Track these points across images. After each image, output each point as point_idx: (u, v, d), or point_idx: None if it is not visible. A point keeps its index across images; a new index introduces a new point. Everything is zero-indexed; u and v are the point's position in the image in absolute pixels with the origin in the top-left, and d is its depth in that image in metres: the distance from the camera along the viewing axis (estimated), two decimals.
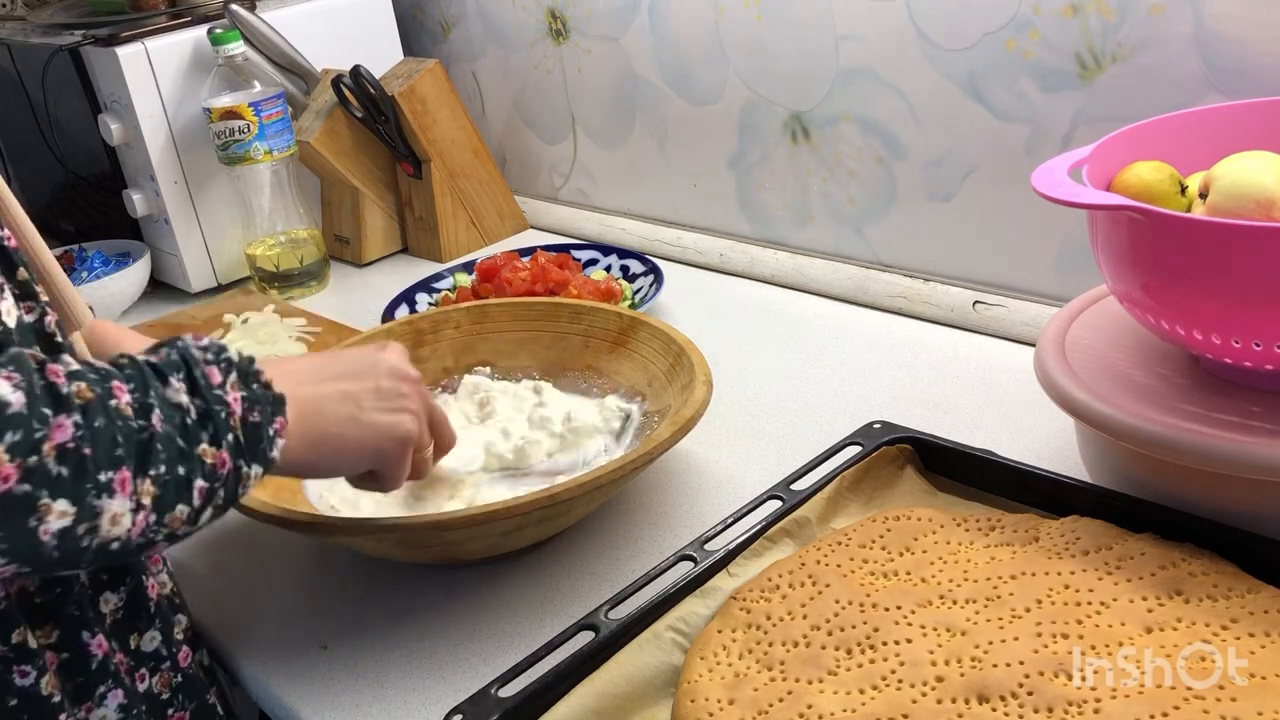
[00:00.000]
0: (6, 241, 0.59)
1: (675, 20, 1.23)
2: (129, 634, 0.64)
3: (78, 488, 0.48)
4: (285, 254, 1.34)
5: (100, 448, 0.49)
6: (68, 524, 0.48)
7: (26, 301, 0.60)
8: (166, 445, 0.51)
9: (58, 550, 0.48)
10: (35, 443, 0.46)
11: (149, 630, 0.65)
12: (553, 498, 0.70)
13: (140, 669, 0.65)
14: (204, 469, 0.53)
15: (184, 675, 0.68)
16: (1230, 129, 0.72)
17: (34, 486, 0.46)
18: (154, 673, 0.66)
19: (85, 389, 0.49)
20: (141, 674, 0.65)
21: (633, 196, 1.39)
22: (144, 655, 0.65)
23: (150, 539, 0.52)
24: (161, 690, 0.66)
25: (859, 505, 0.73)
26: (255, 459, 0.56)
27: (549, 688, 0.59)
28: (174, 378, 0.54)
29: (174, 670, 0.67)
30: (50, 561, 0.48)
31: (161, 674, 0.66)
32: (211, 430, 0.54)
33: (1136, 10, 0.86)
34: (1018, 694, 0.55)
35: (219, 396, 0.55)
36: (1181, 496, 0.65)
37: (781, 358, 1.04)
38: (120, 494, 0.49)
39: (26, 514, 0.47)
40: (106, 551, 0.50)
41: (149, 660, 0.66)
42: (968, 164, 1.02)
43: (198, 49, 1.32)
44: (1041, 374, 0.72)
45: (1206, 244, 0.61)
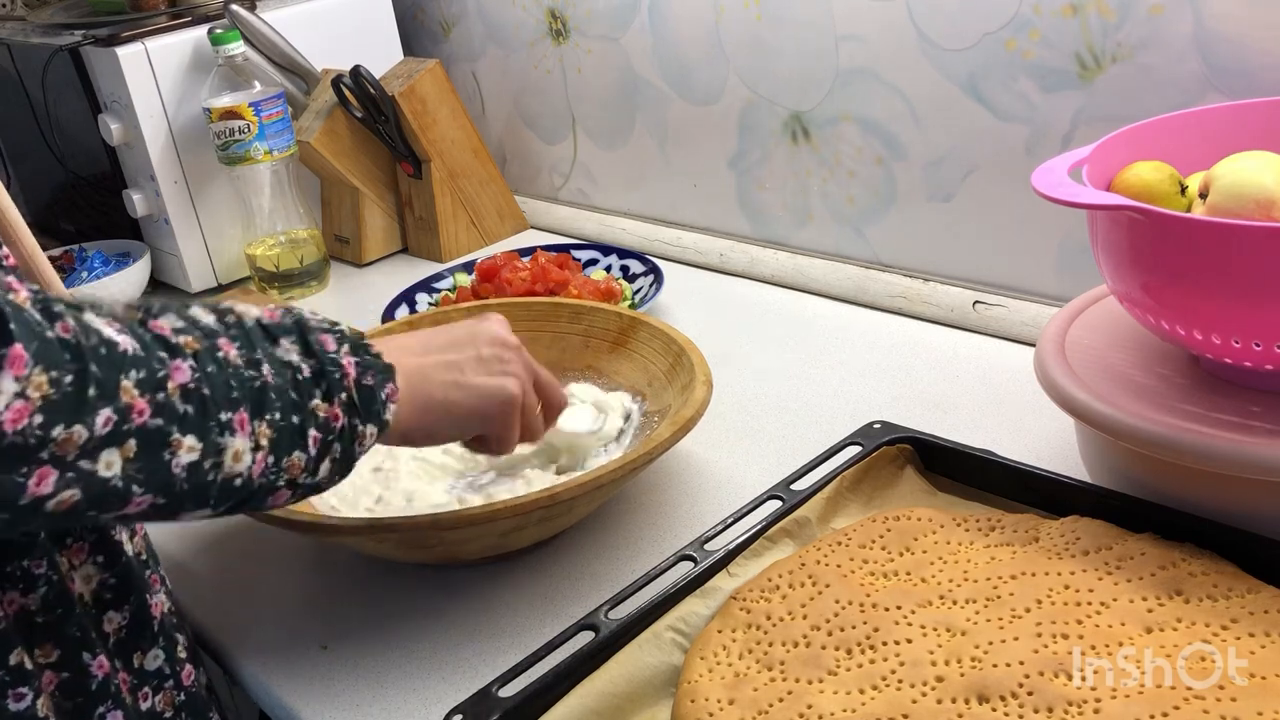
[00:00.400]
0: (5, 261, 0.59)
1: (675, 20, 1.23)
2: (132, 653, 0.64)
3: (202, 424, 0.50)
4: (285, 254, 1.34)
5: (217, 390, 0.51)
6: (195, 458, 0.50)
7: None
8: (280, 395, 0.54)
9: (187, 483, 0.50)
10: (159, 381, 0.48)
11: (152, 649, 0.66)
12: (553, 497, 0.70)
13: (144, 688, 0.65)
14: (317, 421, 0.55)
15: (187, 694, 0.68)
16: (1230, 129, 0.72)
17: (165, 421, 0.48)
18: (157, 691, 0.66)
19: (193, 340, 0.51)
20: (144, 693, 0.65)
21: (633, 196, 1.39)
22: (147, 674, 0.65)
23: (271, 482, 0.54)
24: (165, 709, 0.66)
25: (859, 505, 0.73)
26: (370, 419, 0.58)
27: (549, 688, 0.59)
28: (285, 340, 0.56)
29: (177, 689, 0.67)
30: (180, 494, 0.50)
31: (165, 692, 0.66)
32: (325, 388, 0.56)
33: (1136, 10, 0.86)
34: (1018, 694, 0.55)
35: (333, 359, 0.57)
36: (1181, 496, 0.65)
37: (781, 358, 1.04)
38: (240, 433, 0.52)
39: (161, 447, 0.48)
40: (230, 488, 0.52)
41: (152, 679, 0.66)
42: (968, 164, 1.02)
43: (198, 49, 1.32)
44: (1041, 374, 0.72)
45: (1206, 244, 0.61)
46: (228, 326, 0.54)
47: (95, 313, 0.48)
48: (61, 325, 0.46)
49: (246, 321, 0.56)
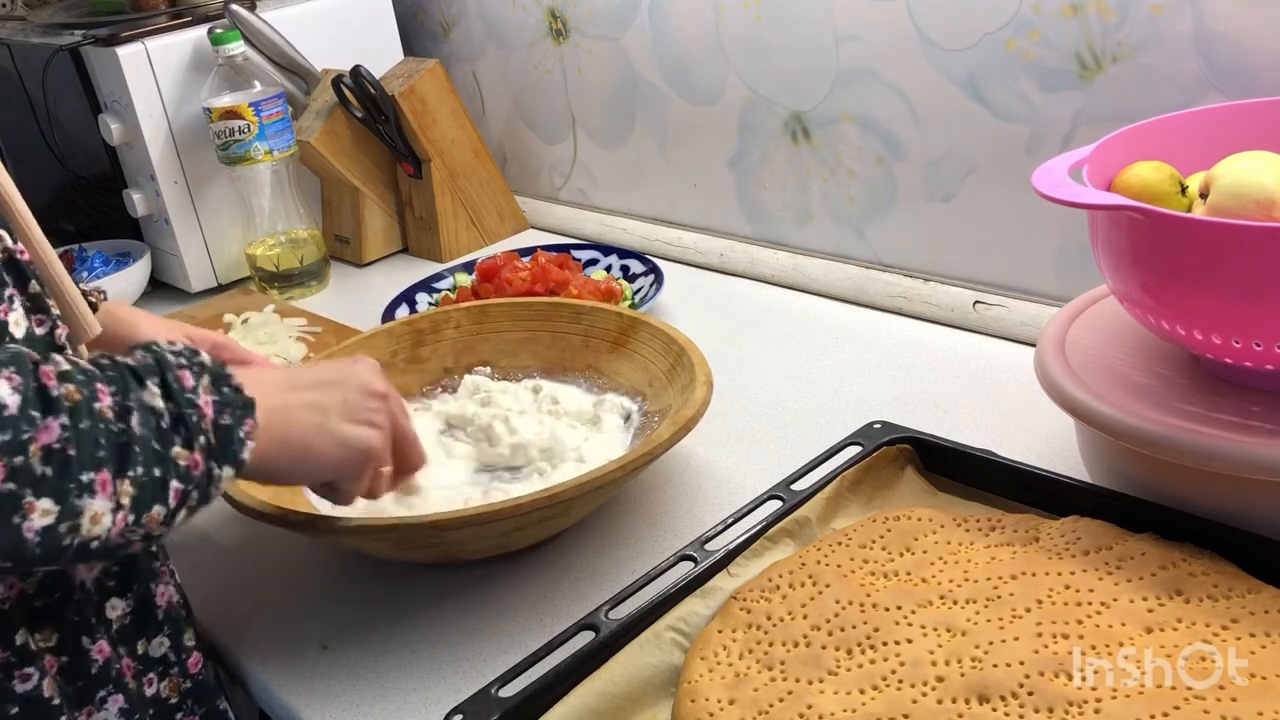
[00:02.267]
0: (20, 255, 0.60)
1: (675, 20, 1.23)
2: (137, 639, 0.65)
3: (61, 487, 0.49)
4: (285, 254, 1.34)
5: (84, 449, 0.50)
6: (50, 522, 0.49)
7: (38, 314, 0.60)
8: (144, 448, 0.53)
9: (40, 547, 0.49)
10: (22, 444, 0.48)
11: (157, 636, 0.66)
12: (553, 498, 0.70)
13: (149, 673, 0.66)
14: (178, 471, 0.54)
15: (194, 681, 0.68)
16: (1230, 129, 0.72)
17: (19, 485, 0.48)
18: (162, 677, 0.66)
19: (74, 391, 0.51)
20: (149, 678, 0.66)
21: (633, 196, 1.39)
22: (152, 660, 0.66)
23: (128, 539, 0.53)
24: (170, 695, 0.67)
25: (859, 505, 0.73)
26: (226, 460, 0.57)
27: (549, 688, 0.59)
28: (150, 381, 0.55)
29: (183, 676, 0.68)
30: (32, 558, 0.49)
31: (170, 679, 0.67)
32: (185, 434, 0.55)
33: (1136, 10, 0.86)
34: (1018, 694, 0.55)
35: (190, 400, 0.56)
36: (1181, 496, 0.65)
37: (781, 358, 1.04)
38: (101, 494, 0.51)
39: (11, 511, 0.48)
40: (87, 550, 0.51)
41: (157, 665, 0.66)
42: (968, 164, 1.02)
43: (198, 49, 1.32)
44: (1041, 374, 0.72)
45: (1206, 244, 0.61)
46: (103, 370, 0.54)
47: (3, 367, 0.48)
48: None
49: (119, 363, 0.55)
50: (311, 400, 0.65)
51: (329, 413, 0.65)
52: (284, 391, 0.64)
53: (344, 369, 0.69)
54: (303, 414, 0.64)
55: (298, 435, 0.63)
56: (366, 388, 0.68)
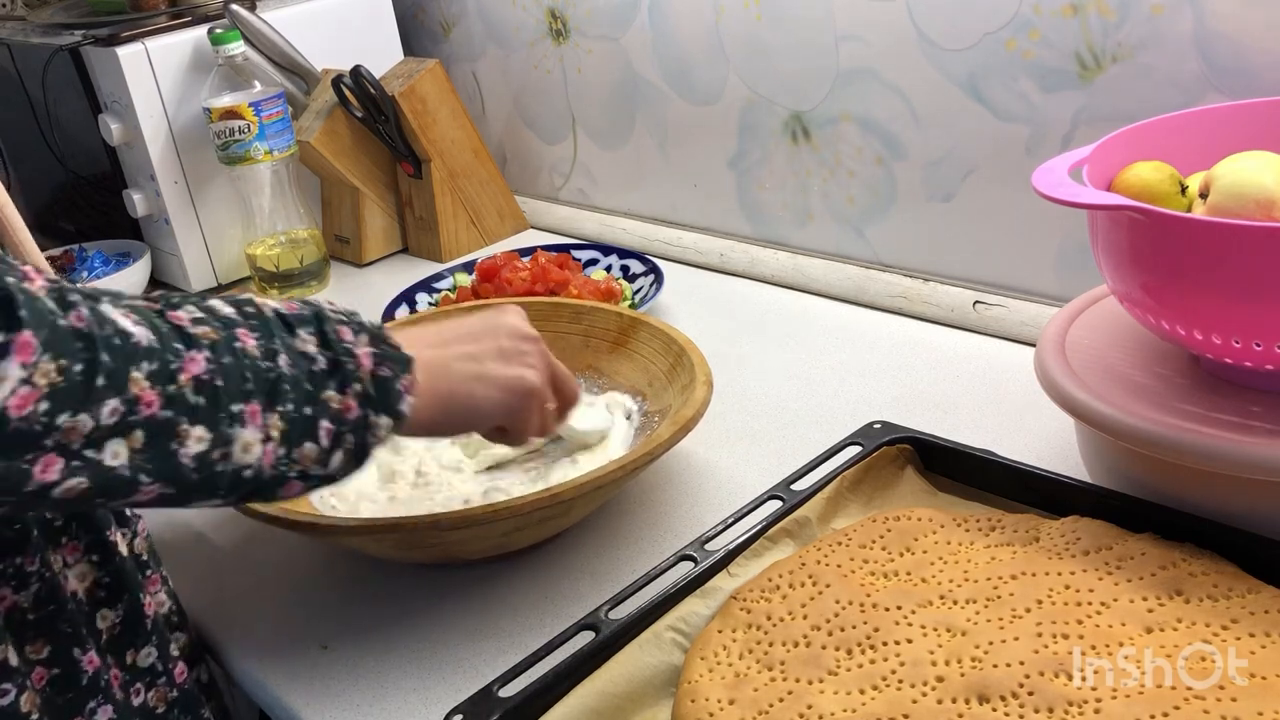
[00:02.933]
0: None
1: (675, 20, 1.23)
2: (125, 650, 0.65)
3: (213, 415, 0.50)
4: (285, 254, 1.34)
5: (231, 381, 0.51)
6: (204, 449, 0.50)
7: None
8: (294, 386, 0.54)
9: (196, 473, 0.50)
10: (171, 373, 0.49)
11: (145, 646, 0.66)
12: (553, 497, 0.70)
13: (136, 684, 0.66)
14: (329, 412, 0.55)
15: (180, 691, 0.68)
16: (1230, 129, 0.72)
17: (175, 413, 0.49)
18: (150, 688, 0.67)
19: (210, 331, 0.52)
20: (137, 689, 0.66)
21: (633, 196, 1.39)
22: (140, 670, 0.66)
23: (283, 473, 0.54)
24: (157, 705, 0.67)
25: (859, 505, 0.73)
26: (384, 410, 0.58)
27: (549, 688, 0.59)
28: (303, 330, 0.56)
29: (170, 685, 0.68)
30: (190, 484, 0.50)
31: (157, 689, 0.67)
32: (340, 379, 0.56)
33: (1136, 10, 0.86)
34: (1018, 694, 0.55)
35: (348, 349, 0.57)
36: (1181, 496, 0.65)
37: (781, 358, 1.04)
38: (251, 424, 0.52)
39: (168, 438, 0.49)
40: (240, 479, 0.52)
41: (145, 675, 0.66)
42: (968, 164, 1.02)
43: (198, 49, 1.32)
44: (1041, 374, 0.72)
45: (1207, 244, 0.61)
46: (246, 317, 0.54)
47: (113, 304, 0.49)
48: (75, 314, 0.46)
49: (265, 312, 0.56)
50: (466, 351, 0.66)
51: (485, 360, 0.66)
52: (438, 347, 0.64)
53: (491, 319, 0.70)
54: (461, 365, 0.65)
55: (461, 388, 0.64)
56: (517, 332, 0.69)
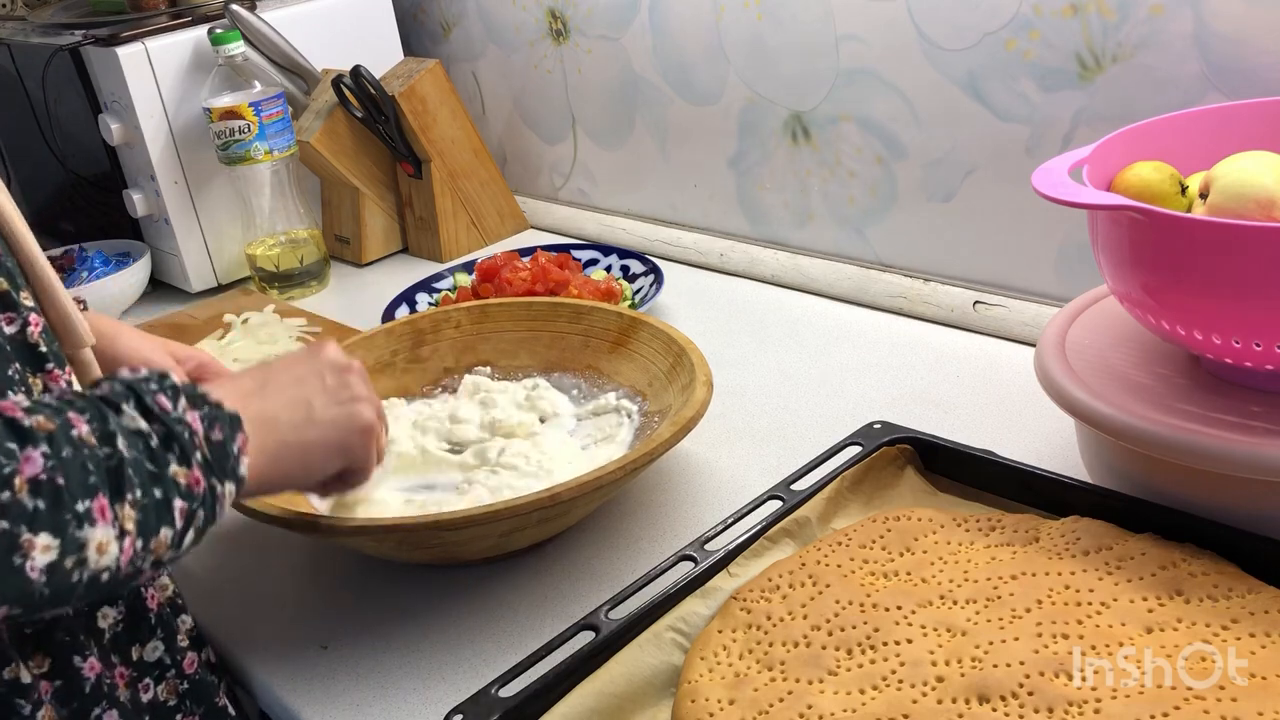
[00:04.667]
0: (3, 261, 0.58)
1: (675, 20, 1.23)
2: (130, 646, 0.64)
3: (57, 519, 0.46)
4: (285, 254, 1.34)
5: (72, 477, 0.47)
6: (54, 558, 0.46)
7: (7, 312, 0.58)
8: (137, 470, 0.50)
9: (48, 587, 0.46)
10: (5, 478, 0.45)
11: (151, 641, 0.65)
12: (553, 498, 0.70)
13: (144, 679, 0.65)
14: (179, 489, 0.52)
15: (190, 681, 0.67)
16: (1230, 129, 0.72)
17: (11, 523, 0.45)
18: (159, 681, 0.65)
19: (44, 421, 0.48)
20: (145, 684, 0.65)
21: (633, 196, 1.39)
22: (147, 665, 0.65)
23: (138, 567, 0.50)
24: (168, 698, 0.66)
25: (859, 505, 0.73)
26: (226, 476, 0.55)
27: (549, 688, 0.59)
28: (126, 406, 0.52)
29: (179, 677, 0.67)
30: (41, 600, 0.47)
31: (167, 682, 0.66)
32: (178, 450, 0.52)
33: (1136, 10, 0.86)
34: (1018, 694, 0.55)
35: (178, 418, 0.53)
36: (1181, 496, 0.65)
37: (781, 358, 1.04)
38: (101, 521, 0.48)
39: (10, 551, 0.45)
40: (97, 584, 0.49)
41: (153, 670, 0.65)
42: (968, 164, 1.02)
43: (198, 49, 1.32)
44: (1041, 374, 0.72)
45: (1206, 244, 0.61)
46: (70, 402, 0.50)
47: None
48: None
49: (86, 396, 0.52)
50: (291, 398, 0.63)
51: (313, 404, 0.63)
52: (261, 397, 0.61)
53: (308, 357, 0.67)
54: (288, 414, 0.62)
55: (292, 438, 0.61)
56: (337, 364, 0.66)
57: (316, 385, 0.64)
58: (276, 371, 0.65)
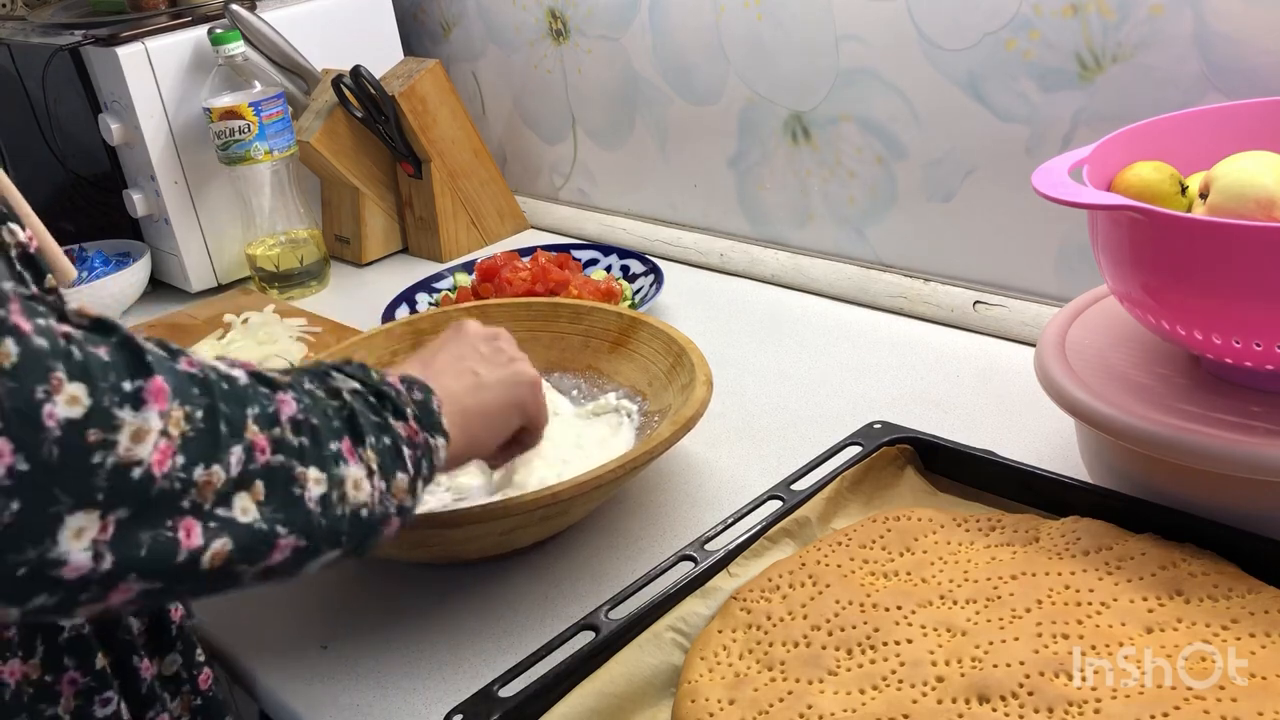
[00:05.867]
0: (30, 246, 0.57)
1: (675, 20, 1.23)
2: (151, 658, 0.64)
3: (320, 454, 0.48)
4: (285, 254, 1.34)
5: (321, 419, 0.49)
6: (324, 490, 0.48)
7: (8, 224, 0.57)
8: (366, 420, 0.52)
9: (323, 518, 0.48)
10: (272, 416, 0.46)
11: (170, 654, 0.65)
12: (553, 497, 0.70)
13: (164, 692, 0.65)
14: (403, 439, 0.54)
15: (204, 698, 0.67)
16: (1230, 129, 0.72)
17: (286, 457, 0.46)
18: (174, 696, 0.65)
19: (279, 377, 0.50)
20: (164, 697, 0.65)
21: (633, 196, 1.39)
22: (165, 679, 0.64)
23: (386, 510, 0.52)
24: (181, 714, 0.65)
25: (859, 505, 0.73)
26: (437, 430, 0.57)
27: (549, 688, 0.59)
28: (334, 373, 0.54)
29: (194, 693, 0.66)
30: (320, 532, 0.48)
31: (182, 697, 0.65)
32: (392, 406, 0.54)
33: (1136, 10, 0.86)
34: (1018, 694, 0.55)
35: (380, 380, 0.55)
36: (1181, 496, 0.65)
37: (781, 358, 1.04)
38: (352, 461, 0.50)
39: (288, 483, 0.46)
40: (359, 520, 0.50)
41: (170, 684, 0.65)
42: (968, 164, 1.02)
43: (198, 49, 1.32)
44: (1041, 374, 0.72)
45: (1207, 244, 0.61)
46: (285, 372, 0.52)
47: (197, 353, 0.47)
48: (185, 361, 0.44)
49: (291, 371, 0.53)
50: (456, 370, 0.65)
51: (479, 372, 0.65)
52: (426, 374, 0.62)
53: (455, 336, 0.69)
54: (457, 382, 0.64)
55: (471, 403, 0.63)
56: (485, 335, 0.69)
57: (475, 356, 0.67)
58: (432, 355, 0.67)
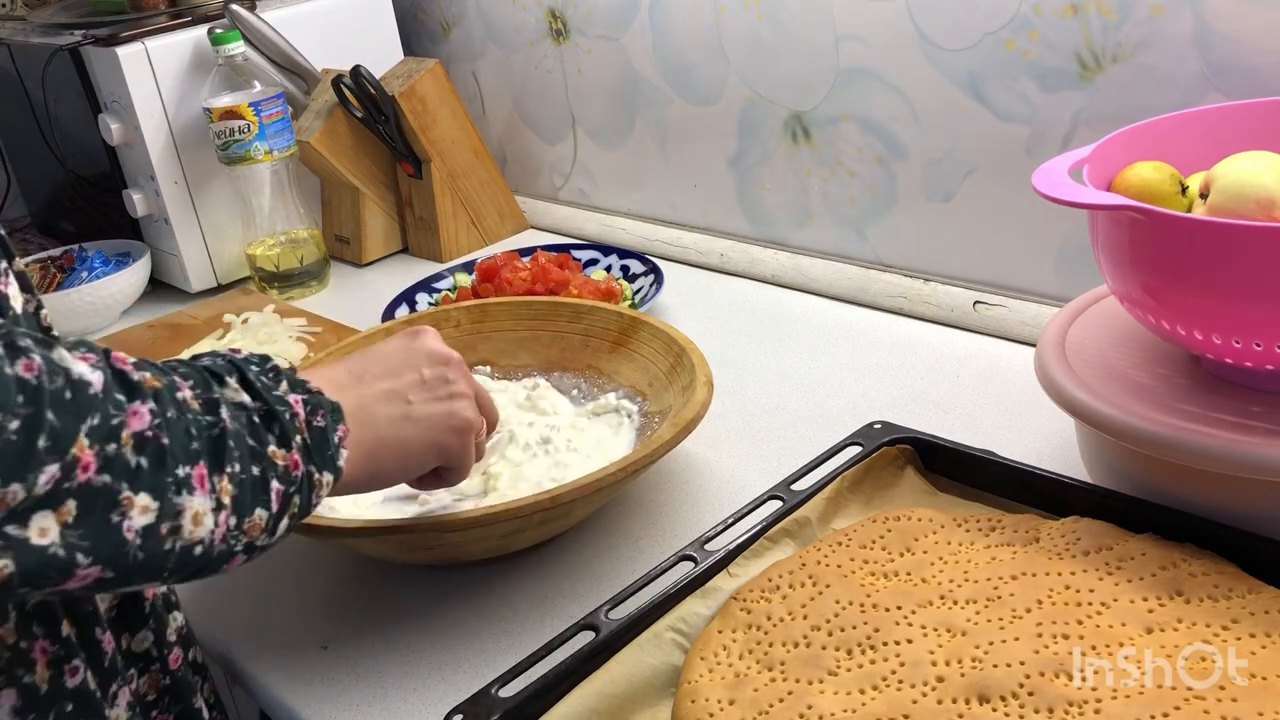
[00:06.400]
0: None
1: (675, 20, 1.23)
2: (121, 634, 0.63)
3: (158, 480, 0.44)
4: (285, 254, 1.34)
5: (175, 439, 0.45)
6: (150, 520, 0.44)
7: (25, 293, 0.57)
8: (238, 443, 0.48)
9: (141, 550, 0.44)
10: (113, 429, 0.42)
11: (141, 630, 0.64)
12: (554, 500, 0.70)
13: (129, 669, 0.64)
14: (277, 470, 0.50)
15: (173, 678, 0.66)
16: (1230, 129, 0.72)
17: (113, 478, 0.42)
18: (143, 674, 0.64)
19: (151, 378, 0.46)
20: (130, 674, 0.64)
21: (633, 196, 1.39)
22: (134, 656, 0.63)
23: (230, 547, 0.49)
24: (148, 692, 0.64)
25: (859, 505, 0.73)
26: (325, 466, 0.53)
27: (549, 688, 0.59)
28: (230, 379, 0.51)
29: (163, 672, 0.65)
30: (133, 565, 0.44)
31: (150, 674, 0.64)
32: (279, 431, 0.51)
33: (1136, 10, 0.86)
34: (1018, 694, 0.55)
35: (280, 398, 0.51)
36: (1181, 496, 0.65)
37: (781, 358, 1.04)
38: (199, 490, 0.46)
39: (109, 508, 0.42)
40: (190, 557, 0.47)
41: (139, 661, 0.64)
42: (968, 164, 1.02)
43: (198, 49, 1.32)
44: (1041, 374, 0.72)
45: (1207, 244, 0.61)
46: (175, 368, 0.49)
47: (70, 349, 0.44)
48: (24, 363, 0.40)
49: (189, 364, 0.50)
50: (387, 390, 0.60)
51: (410, 398, 0.61)
52: (356, 387, 0.59)
53: (408, 346, 0.64)
54: (385, 408, 0.59)
55: (388, 434, 0.59)
56: (436, 356, 0.64)
57: (414, 379, 0.62)
58: (372, 362, 0.62)
